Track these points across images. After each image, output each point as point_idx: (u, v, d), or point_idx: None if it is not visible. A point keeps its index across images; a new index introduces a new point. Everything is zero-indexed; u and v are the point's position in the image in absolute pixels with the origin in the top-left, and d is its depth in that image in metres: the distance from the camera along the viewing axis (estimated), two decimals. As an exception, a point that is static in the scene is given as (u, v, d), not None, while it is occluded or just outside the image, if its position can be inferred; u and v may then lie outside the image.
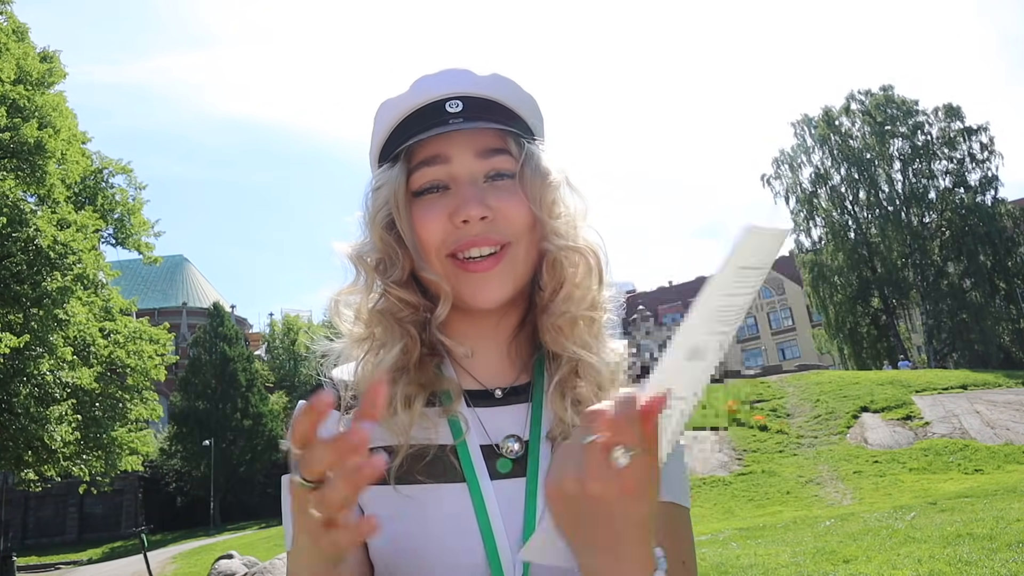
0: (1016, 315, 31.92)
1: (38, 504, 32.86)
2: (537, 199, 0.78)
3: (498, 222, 0.76)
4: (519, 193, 0.78)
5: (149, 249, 20.20)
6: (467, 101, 0.79)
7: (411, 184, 0.79)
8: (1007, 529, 6.73)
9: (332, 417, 0.81)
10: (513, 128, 0.80)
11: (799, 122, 35.14)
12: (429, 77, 0.82)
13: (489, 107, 0.80)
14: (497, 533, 0.72)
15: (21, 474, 16.90)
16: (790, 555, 7.17)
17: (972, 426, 13.84)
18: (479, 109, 0.79)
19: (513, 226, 0.77)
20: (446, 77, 0.81)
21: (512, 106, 0.82)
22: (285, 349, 46.14)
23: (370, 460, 0.48)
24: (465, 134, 0.78)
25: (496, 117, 0.79)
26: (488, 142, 0.79)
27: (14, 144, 14.52)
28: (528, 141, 0.81)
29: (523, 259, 0.78)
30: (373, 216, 0.80)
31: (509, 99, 0.82)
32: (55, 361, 14.95)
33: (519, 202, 0.77)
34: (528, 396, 0.79)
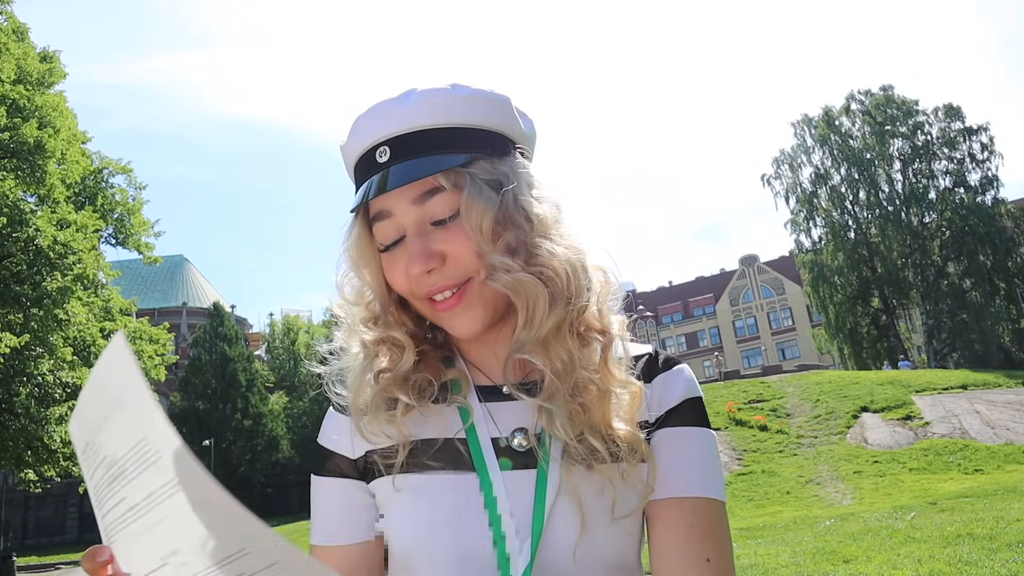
0: (1016, 315, 31.91)
1: (38, 504, 32.90)
2: (477, 231, 0.75)
3: (448, 266, 0.76)
4: (461, 232, 0.75)
5: (149, 249, 20.21)
6: (394, 144, 0.76)
7: (376, 239, 0.81)
8: (1007, 529, 6.73)
9: (341, 426, 0.85)
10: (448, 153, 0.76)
11: (799, 122, 35.16)
12: (361, 119, 0.80)
13: (418, 142, 0.76)
14: (506, 524, 0.73)
15: (21, 474, 16.90)
16: (790, 555, 7.17)
17: (972, 426, 13.84)
18: (407, 151, 0.76)
19: (463, 265, 0.76)
20: (373, 119, 0.79)
21: (454, 122, 0.77)
22: (285, 349, 46.17)
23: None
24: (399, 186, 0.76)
25: (428, 149, 0.76)
26: (420, 187, 0.76)
27: (14, 144, 14.53)
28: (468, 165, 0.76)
29: (489, 289, 0.77)
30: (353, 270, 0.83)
31: (444, 117, 0.77)
32: (55, 361, 14.97)
33: (463, 242, 0.75)
34: (536, 391, 0.78)
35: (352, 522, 0.82)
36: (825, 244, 34.11)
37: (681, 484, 0.77)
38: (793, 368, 31.94)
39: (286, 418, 38.81)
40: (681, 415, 0.81)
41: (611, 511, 0.74)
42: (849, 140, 33.93)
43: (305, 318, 49.27)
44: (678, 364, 0.85)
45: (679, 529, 0.76)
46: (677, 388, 0.82)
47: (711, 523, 0.76)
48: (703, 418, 0.82)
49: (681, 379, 0.83)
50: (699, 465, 0.78)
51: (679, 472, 0.77)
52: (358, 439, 0.82)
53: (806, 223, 34.68)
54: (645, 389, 0.80)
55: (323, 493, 0.85)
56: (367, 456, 0.82)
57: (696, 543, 0.75)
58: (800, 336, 57.38)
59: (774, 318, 60.69)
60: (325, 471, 0.85)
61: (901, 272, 32.24)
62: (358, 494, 0.83)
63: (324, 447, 0.86)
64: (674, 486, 0.77)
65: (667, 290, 68.64)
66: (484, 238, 0.75)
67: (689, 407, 0.81)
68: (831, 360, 40.05)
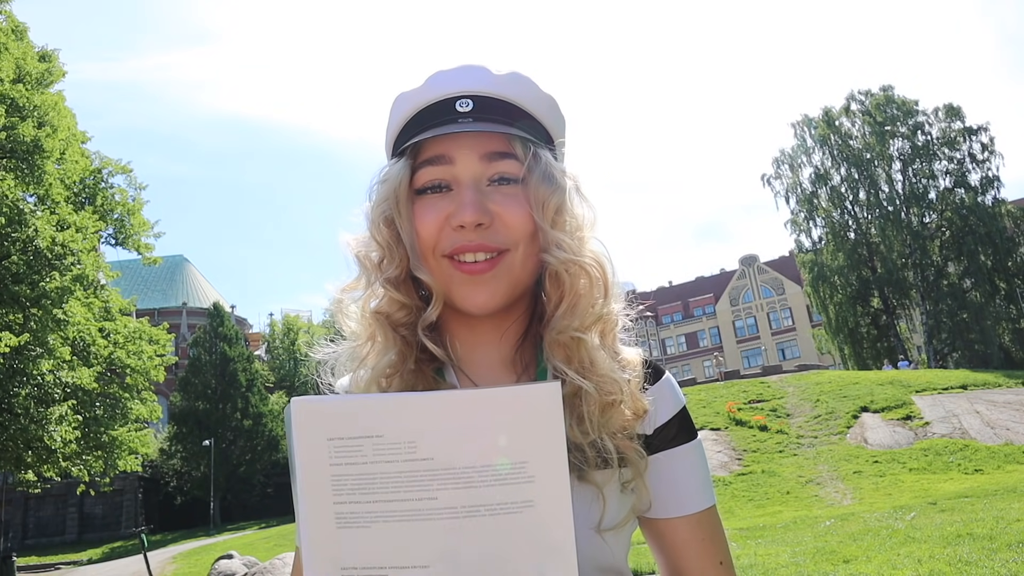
0: (1016, 315, 31.90)
1: (38, 504, 32.86)
2: (540, 207, 0.76)
3: (496, 228, 0.75)
4: (522, 199, 0.76)
5: (149, 249, 20.18)
6: (478, 100, 0.78)
7: (414, 182, 0.78)
8: (1007, 529, 6.73)
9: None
10: (523, 131, 0.78)
11: (799, 123, 35.15)
12: (444, 73, 0.80)
13: (500, 108, 0.78)
14: None
15: (21, 474, 16.90)
16: (790, 555, 7.17)
17: (972, 426, 13.84)
18: (489, 110, 0.78)
19: (512, 233, 0.75)
20: (460, 74, 0.80)
21: (526, 107, 0.80)
22: (285, 349, 46.16)
23: None
24: (471, 135, 0.77)
25: (506, 119, 0.78)
26: (494, 145, 0.77)
27: (12, 143, 14.51)
28: (537, 146, 0.78)
29: (520, 267, 0.77)
30: (374, 210, 0.79)
31: (524, 99, 0.80)
32: (55, 361, 14.96)
33: (520, 209, 0.76)
34: None
35: None
36: (825, 244, 34.11)
37: (688, 502, 0.80)
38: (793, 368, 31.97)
39: (286, 418, 38.77)
40: (676, 432, 0.82)
41: (598, 523, 0.75)
42: (849, 140, 33.92)
43: (305, 318, 49.29)
44: (664, 374, 0.86)
45: (692, 544, 0.80)
46: (668, 401, 0.83)
47: (714, 528, 0.82)
48: (692, 428, 0.84)
49: (670, 391, 0.84)
50: (699, 479, 0.82)
51: (684, 491, 0.80)
52: None
53: (806, 223, 34.68)
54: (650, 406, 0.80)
55: None
56: None
57: (708, 551, 0.80)
58: (800, 336, 57.39)
59: (774, 318, 60.69)
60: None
61: (901, 272, 32.22)
62: None
63: None
64: (682, 505, 0.80)
65: (667, 290, 68.62)
66: (547, 214, 0.75)
67: (680, 421, 0.83)
68: (831, 360, 40.05)
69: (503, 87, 0.79)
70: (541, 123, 0.81)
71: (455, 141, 0.77)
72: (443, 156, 0.77)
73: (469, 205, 0.74)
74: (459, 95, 0.78)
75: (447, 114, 0.77)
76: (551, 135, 0.83)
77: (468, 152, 0.76)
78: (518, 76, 0.81)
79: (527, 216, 0.76)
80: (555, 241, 0.76)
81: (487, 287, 0.75)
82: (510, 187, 0.76)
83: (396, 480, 0.57)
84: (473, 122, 0.76)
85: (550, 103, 0.83)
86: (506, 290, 0.76)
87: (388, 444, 0.57)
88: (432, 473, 0.57)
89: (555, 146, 0.83)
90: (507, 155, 0.77)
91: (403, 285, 0.79)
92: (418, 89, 0.81)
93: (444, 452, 0.57)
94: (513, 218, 0.75)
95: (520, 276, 0.77)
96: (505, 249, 0.75)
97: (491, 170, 0.77)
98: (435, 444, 0.57)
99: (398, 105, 0.82)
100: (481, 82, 0.79)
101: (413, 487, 0.57)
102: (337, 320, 0.83)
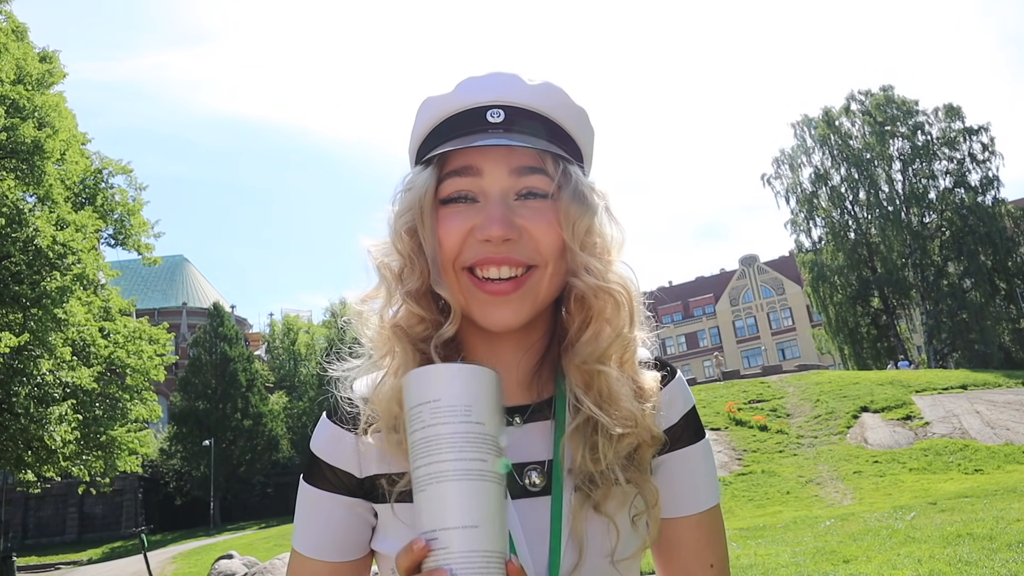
0: (1016, 315, 31.90)
1: (38, 504, 32.87)
2: (571, 227, 0.73)
3: (523, 243, 0.73)
4: (550, 215, 0.74)
5: (149, 250, 20.17)
6: (509, 111, 0.76)
7: (440, 191, 0.75)
8: (1007, 529, 6.73)
9: (347, 441, 0.80)
10: (554, 145, 0.75)
11: (799, 123, 35.16)
12: (475, 79, 0.78)
13: (532, 120, 0.76)
14: (521, 556, 0.71)
15: (21, 474, 16.89)
16: (790, 555, 7.17)
17: (972, 426, 13.84)
18: (521, 121, 0.75)
19: (539, 250, 0.73)
20: (492, 82, 0.77)
21: (558, 119, 0.78)
22: (285, 349, 46.17)
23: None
24: (501, 148, 0.74)
25: (538, 132, 0.75)
26: (524, 159, 0.74)
27: (12, 144, 14.51)
28: (568, 162, 0.75)
29: (546, 285, 0.74)
30: (397, 219, 0.77)
31: (556, 112, 0.78)
32: (55, 361, 14.96)
33: (549, 226, 0.73)
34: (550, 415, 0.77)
35: (349, 541, 0.80)
36: (825, 244, 34.11)
37: (692, 502, 0.80)
38: (793, 368, 31.95)
39: (286, 418, 38.80)
40: (684, 432, 0.81)
41: (611, 554, 0.74)
42: (849, 140, 33.93)
43: (305, 318, 49.31)
44: (675, 374, 0.84)
45: (688, 544, 0.80)
46: (677, 402, 0.82)
47: (713, 528, 0.81)
48: (700, 428, 0.83)
49: (680, 392, 0.83)
50: (705, 478, 0.81)
51: (688, 491, 0.80)
52: (367, 460, 0.79)
53: (806, 223, 34.69)
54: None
55: (320, 507, 0.80)
56: (374, 478, 0.78)
57: (702, 552, 0.80)
58: (800, 336, 57.40)
59: (774, 318, 60.69)
60: (324, 484, 0.80)
61: (901, 272, 32.22)
62: (359, 512, 0.80)
63: (322, 459, 0.81)
64: (685, 505, 0.80)
65: (667, 290, 68.61)
66: (577, 235, 0.73)
67: (689, 421, 0.82)
68: (831, 360, 40.05)
69: (535, 98, 0.77)
70: (572, 136, 0.79)
71: (484, 152, 0.74)
72: (471, 167, 0.75)
73: (497, 219, 0.71)
74: (490, 104, 0.76)
75: (477, 123, 0.75)
76: (581, 149, 0.81)
77: (497, 164, 0.74)
78: (551, 86, 0.78)
79: (556, 233, 0.73)
80: (584, 264, 0.74)
81: (511, 306, 0.73)
82: (538, 202, 0.74)
83: (450, 441, 0.58)
84: (504, 133, 0.74)
85: (581, 116, 0.81)
86: (530, 310, 0.74)
87: (445, 407, 0.59)
88: (483, 437, 0.59)
89: (584, 160, 0.82)
90: (537, 170, 0.75)
91: (423, 298, 0.76)
92: (447, 95, 0.78)
93: (492, 421, 0.60)
94: (542, 234, 0.73)
95: (545, 295, 0.75)
96: (532, 265, 0.73)
97: (520, 184, 0.74)
98: (484, 412, 0.60)
99: (425, 109, 0.80)
100: (513, 92, 0.77)
101: (467, 448, 0.58)
102: (356, 329, 0.81)
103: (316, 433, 0.83)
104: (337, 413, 0.81)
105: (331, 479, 0.80)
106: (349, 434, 0.79)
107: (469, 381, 0.60)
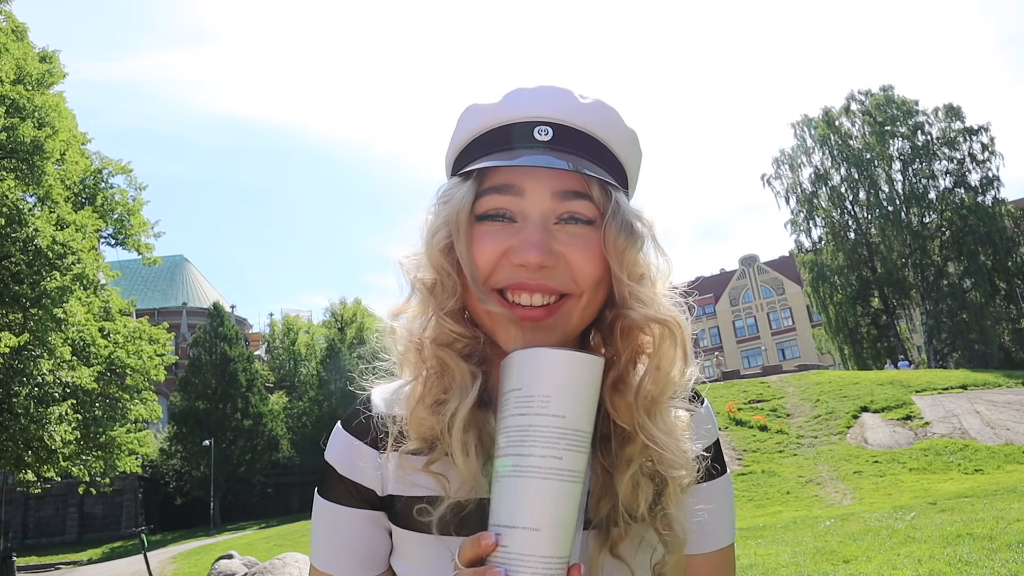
0: (1016, 315, 31.90)
1: (38, 504, 32.86)
2: (619, 256, 0.69)
3: (559, 270, 0.69)
4: (592, 243, 0.70)
5: (149, 250, 20.18)
6: (558, 129, 0.72)
7: (476, 207, 0.72)
8: (1007, 529, 6.72)
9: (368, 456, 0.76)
10: (601, 170, 0.71)
11: (799, 123, 35.15)
12: (524, 91, 0.74)
13: (581, 141, 0.72)
14: None
15: (21, 474, 16.89)
16: (790, 555, 7.17)
17: (972, 426, 13.84)
18: (569, 141, 0.71)
19: (577, 278, 0.69)
20: (541, 96, 0.73)
21: (608, 142, 0.74)
22: (285, 349, 46.16)
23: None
24: (546, 169, 0.70)
25: (586, 154, 0.72)
26: (570, 183, 0.70)
27: (12, 144, 14.51)
28: (615, 189, 0.71)
29: (578, 315, 0.71)
30: (433, 233, 0.73)
31: (605, 133, 0.74)
32: (55, 361, 14.95)
33: (590, 253, 0.70)
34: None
35: (370, 556, 0.77)
36: (825, 244, 34.11)
37: (707, 540, 0.77)
38: (793, 368, 31.95)
39: (286, 418, 38.78)
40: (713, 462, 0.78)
41: None
42: (849, 140, 33.92)
43: (305, 318, 49.29)
44: (704, 402, 0.82)
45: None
46: (707, 431, 0.78)
47: (727, 569, 0.78)
48: (723, 462, 0.80)
49: (710, 422, 0.79)
50: (721, 516, 0.78)
51: (704, 527, 0.76)
52: (390, 479, 0.75)
53: (806, 223, 34.69)
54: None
55: (339, 521, 0.77)
56: (394, 497, 0.75)
57: None
58: (800, 336, 57.38)
59: (774, 318, 60.67)
60: (344, 498, 0.77)
61: (901, 272, 32.22)
62: (381, 526, 0.77)
63: (341, 474, 0.77)
64: (700, 542, 0.76)
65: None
66: (625, 265, 0.69)
67: (717, 452, 0.79)
68: (831, 360, 40.04)
69: (585, 117, 0.73)
70: (619, 160, 0.75)
71: (527, 171, 0.71)
72: (512, 186, 0.71)
73: (536, 243, 0.67)
74: (538, 120, 0.72)
75: (523, 140, 0.71)
76: (627, 173, 0.77)
77: (540, 186, 0.70)
78: (603, 106, 0.74)
79: (596, 262, 0.70)
80: (634, 294, 0.69)
81: (540, 334, 0.69)
82: (580, 227, 0.70)
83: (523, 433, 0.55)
84: (550, 152, 0.70)
85: (631, 139, 0.77)
86: (559, 340, 0.70)
87: (524, 396, 0.56)
88: (562, 431, 0.54)
89: (629, 185, 0.78)
90: (582, 195, 0.71)
91: (457, 315, 0.73)
92: (493, 105, 0.74)
93: (574, 413, 0.55)
94: (580, 262, 0.69)
95: (576, 325, 0.71)
96: (567, 294, 0.70)
97: (562, 208, 0.71)
98: (567, 403, 0.55)
99: (468, 117, 0.76)
100: (564, 109, 0.72)
101: (539, 442, 0.54)
102: (387, 342, 0.78)
103: (332, 444, 0.79)
104: (354, 424, 0.78)
105: (352, 493, 0.76)
106: (370, 448, 0.76)
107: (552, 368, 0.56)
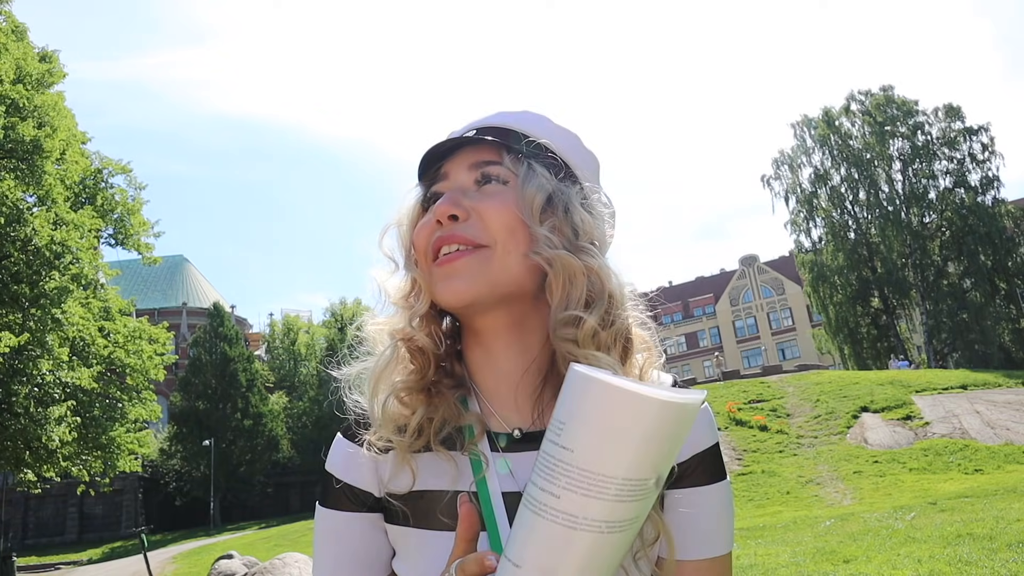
0: (1016, 315, 31.90)
1: (38, 504, 32.86)
2: (529, 205, 0.74)
3: (472, 222, 0.75)
4: (504, 198, 0.76)
5: (148, 249, 20.15)
6: (482, 130, 0.82)
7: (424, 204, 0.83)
8: (1007, 529, 6.72)
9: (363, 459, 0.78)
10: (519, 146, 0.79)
11: (799, 123, 35.13)
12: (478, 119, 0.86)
13: (501, 133, 0.81)
14: None
15: (21, 474, 16.89)
16: (790, 555, 7.17)
17: (972, 426, 13.84)
18: (490, 132, 0.82)
19: (489, 228, 0.75)
20: (487, 117, 0.85)
21: (534, 134, 0.81)
22: (285, 349, 46.15)
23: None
24: (465, 152, 0.80)
25: (505, 140, 0.80)
26: (483, 155, 0.80)
27: (11, 143, 14.50)
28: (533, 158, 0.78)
29: (500, 265, 0.74)
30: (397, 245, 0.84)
31: (532, 127, 0.82)
32: (54, 361, 14.94)
33: (500, 205, 0.75)
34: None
35: (372, 563, 0.79)
36: (825, 244, 34.09)
37: (698, 546, 0.76)
38: (793, 368, 31.95)
39: (286, 418, 38.77)
40: (706, 468, 0.77)
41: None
42: (849, 140, 33.91)
43: (305, 318, 49.29)
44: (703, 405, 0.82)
45: None
46: (702, 435, 0.77)
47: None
48: (722, 468, 0.79)
49: (706, 425, 0.78)
50: (718, 524, 0.77)
51: (697, 534, 0.75)
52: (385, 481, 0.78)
53: (806, 223, 34.67)
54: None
55: (339, 528, 0.79)
56: (390, 497, 0.78)
57: None
58: (800, 336, 57.37)
59: (774, 318, 60.67)
60: (343, 504, 0.79)
61: (901, 272, 32.22)
62: (380, 530, 0.79)
63: (339, 479, 0.79)
64: (691, 547, 0.75)
65: (667, 290, 68.58)
66: (534, 212, 0.75)
67: (711, 459, 0.78)
68: (831, 360, 40.03)
69: (510, 119, 0.83)
70: (557, 155, 0.81)
71: (451, 159, 0.81)
72: (442, 173, 0.81)
73: (442, 202, 0.76)
74: (472, 129, 0.84)
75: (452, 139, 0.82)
76: (570, 166, 0.82)
77: (460, 165, 0.80)
78: (529, 113, 0.85)
79: (508, 213, 0.75)
80: (543, 238, 0.73)
81: (461, 278, 0.74)
82: (492, 186, 0.78)
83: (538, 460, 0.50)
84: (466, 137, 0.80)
85: (569, 138, 0.85)
86: (483, 285, 0.73)
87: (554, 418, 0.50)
88: (565, 466, 0.48)
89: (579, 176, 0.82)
90: (495, 163, 0.79)
91: (432, 319, 0.80)
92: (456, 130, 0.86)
93: (585, 447, 0.48)
94: (491, 213, 0.75)
95: (501, 276, 0.74)
96: (482, 244, 0.75)
97: (476, 173, 0.80)
98: (579, 434, 0.48)
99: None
100: (496, 118, 0.84)
101: (541, 473, 0.49)
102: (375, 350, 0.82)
103: (331, 454, 0.82)
104: (349, 432, 0.81)
105: (350, 497, 0.78)
106: (365, 452, 0.78)
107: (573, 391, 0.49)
